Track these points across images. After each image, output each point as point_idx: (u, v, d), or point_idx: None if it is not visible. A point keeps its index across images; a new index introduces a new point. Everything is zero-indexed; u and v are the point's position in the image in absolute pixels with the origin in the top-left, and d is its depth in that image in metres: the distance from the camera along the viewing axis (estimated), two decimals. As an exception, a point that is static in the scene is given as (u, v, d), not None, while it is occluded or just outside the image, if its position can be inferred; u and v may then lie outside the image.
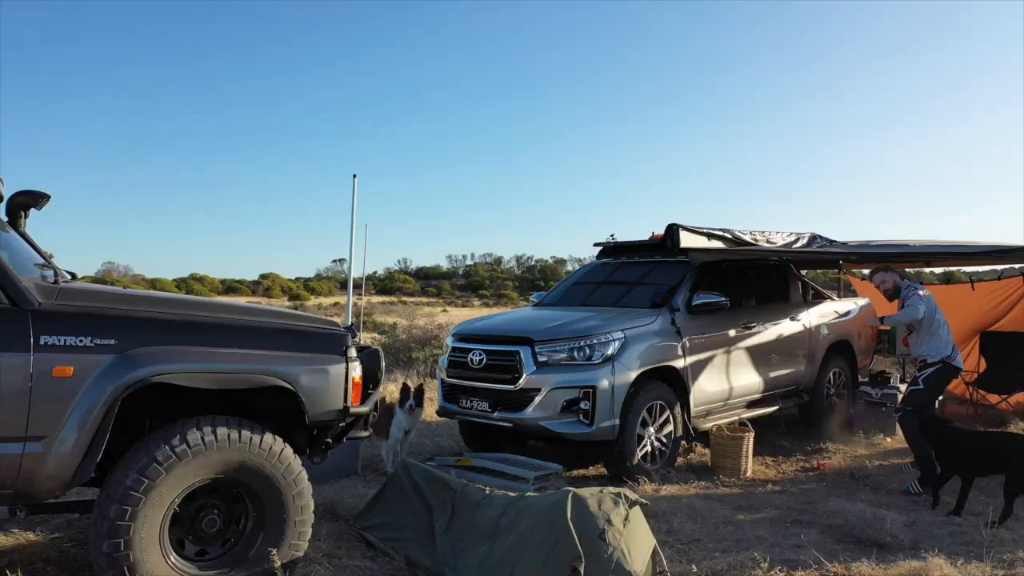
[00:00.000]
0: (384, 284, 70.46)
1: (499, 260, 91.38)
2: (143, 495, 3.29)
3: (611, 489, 3.79)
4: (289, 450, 3.73)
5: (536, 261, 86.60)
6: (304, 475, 3.79)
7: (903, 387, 8.14)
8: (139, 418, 3.74)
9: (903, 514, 5.17)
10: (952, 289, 10.17)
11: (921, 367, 6.42)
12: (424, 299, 57.28)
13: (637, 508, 3.75)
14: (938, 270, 12.52)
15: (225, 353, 3.56)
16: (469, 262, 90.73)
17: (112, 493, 3.30)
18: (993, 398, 9.00)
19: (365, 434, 4.38)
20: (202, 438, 3.43)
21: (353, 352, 3.96)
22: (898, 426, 6.75)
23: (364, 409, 4.03)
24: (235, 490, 3.65)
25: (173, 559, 3.46)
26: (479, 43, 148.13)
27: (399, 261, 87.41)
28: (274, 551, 3.62)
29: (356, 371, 3.95)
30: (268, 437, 3.63)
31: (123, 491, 3.28)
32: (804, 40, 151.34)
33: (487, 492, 4.32)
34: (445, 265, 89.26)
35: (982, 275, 9.80)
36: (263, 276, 62.77)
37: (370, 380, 4.25)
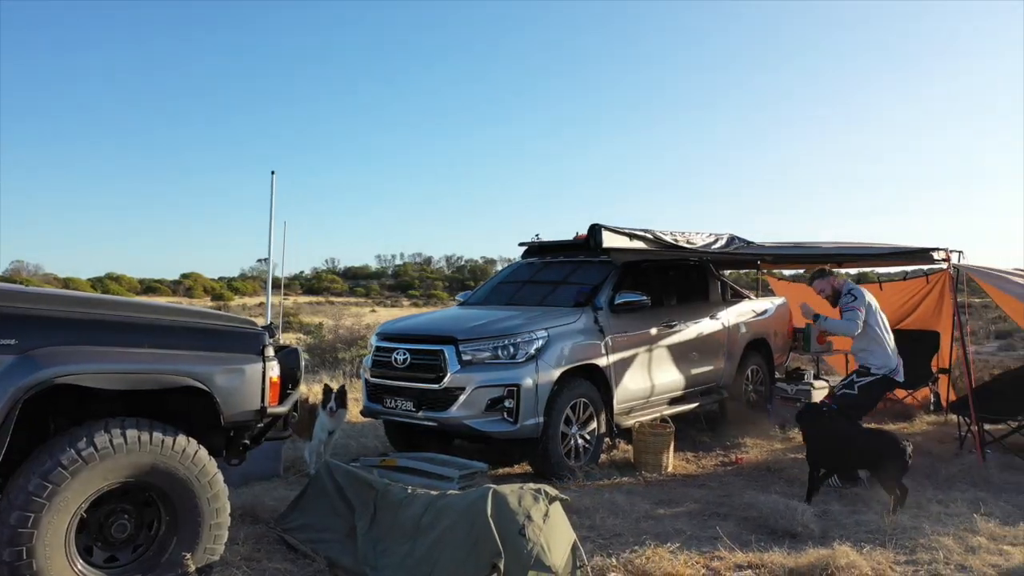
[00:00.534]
0: (311, 284, 69.29)
1: (429, 260, 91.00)
2: (47, 501, 3.17)
3: (531, 486, 3.84)
4: (204, 452, 3.64)
5: (466, 261, 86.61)
6: (220, 477, 3.71)
7: (816, 383, 8.46)
8: (44, 420, 3.60)
9: (814, 505, 5.38)
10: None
11: (861, 372, 6.30)
12: (352, 299, 56.57)
13: (557, 504, 3.80)
14: (853, 271, 12.98)
15: (134, 353, 3.46)
16: (398, 262, 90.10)
17: (13, 499, 3.16)
18: (900, 393, 9.39)
19: (285, 435, 4.32)
20: (110, 441, 3.32)
21: (271, 351, 3.89)
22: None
23: (282, 409, 3.97)
24: (146, 494, 3.55)
25: (80, 567, 3.34)
26: (407, 37, 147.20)
27: (327, 261, 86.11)
28: (188, 556, 3.54)
29: (274, 371, 3.88)
30: (181, 439, 3.54)
31: (25, 497, 3.15)
32: (727, 37, 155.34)
33: (409, 491, 4.31)
34: (374, 265, 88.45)
35: (892, 276, 10.23)
36: (184, 276, 60.91)
37: (289, 380, 4.18)
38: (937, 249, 7.02)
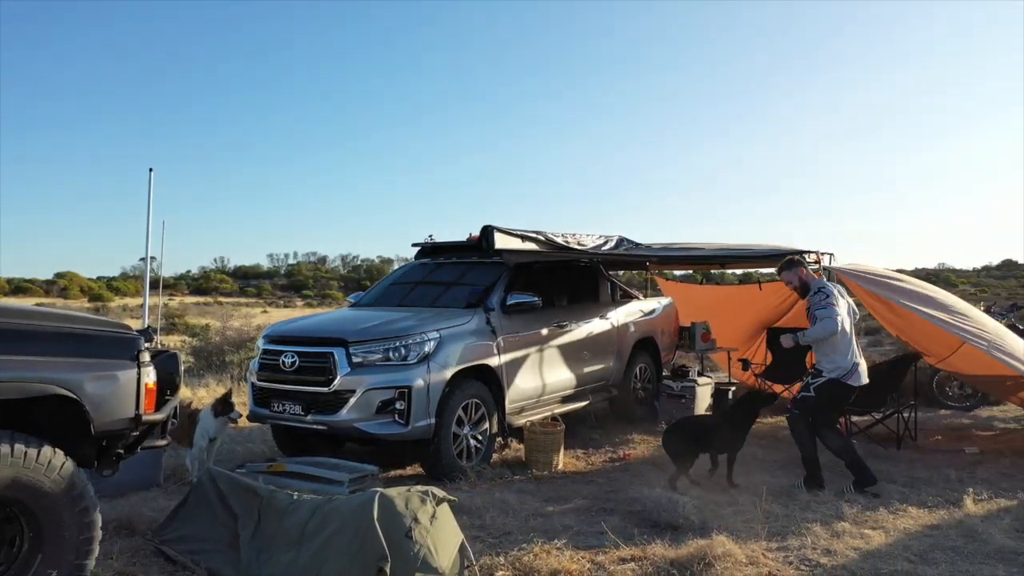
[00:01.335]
0: (199, 284, 66.69)
1: (323, 259, 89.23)
2: None
3: (419, 488, 3.84)
4: (71, 463, 3.46)
5: (362, 260, 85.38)
6: (89, 489, 3.53)
7: (700, 380, 8.79)
8: None
9: (694, 497, 5.59)
10: (743, 289, 11.07)
11: (815, 374, 6.10)
12: (243, 300, 54.74)
13: (445, 505, 3.82)
14: (739, 271, 13.59)
15: (-7, 360, 3.25)
16: (291, 261, 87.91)
17: None
18: (778, 388, 9.87)
19: (163, 443, 4.16)
20: (-35, 454, 3.11)
21: (146, 356, 3.74)
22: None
23: (159, 416, 3.82)
24: (7, 509, 3.34)
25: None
26: (299, 33, 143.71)
27: (215, 260, 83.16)
28: (54, 573, 3.35)
29: (149, 376, 3.73)
30: (47, 450, 3.35)
31: None
32: (625, 36, 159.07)
33: (295, 497, 4.24)
34: (266, 264, 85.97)
35: (774, 276, 10.70)
36: (59, 275, 57.42)
37: (167, 386, 4.02)
38: (808, 251, 7.42)
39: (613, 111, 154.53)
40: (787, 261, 6.43)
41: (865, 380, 6.09)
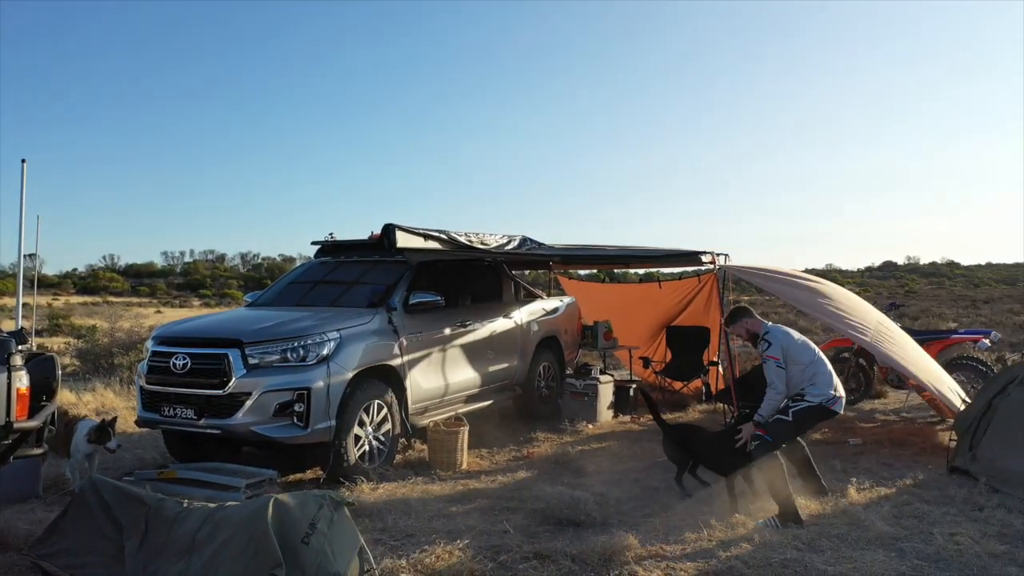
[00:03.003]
0: (87, 283, 63.34)
1: (222, 257, 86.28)
2: None
3: (316, 492, 3.74)
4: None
5: (263, 259, 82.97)
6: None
7: (603, 378, 8.93)
8: None
9: (595, 494, 5.67)
10: (644, 288, 11.35)
11: (795, 398, 5.53)
12: (135, 299, 52.28)
13: (343, 509, 3.73)
14: (641, 271, 13.87)
15: None
16: (188, 259, 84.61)
17: None
18: (677, 384, 10.16)
19: (38, 451, 3.94)
20: None
21: (18, 360, 3.51)
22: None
23: (33, 424, 3.60)
24: None
25: None
26: (198, 26, 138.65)
27: (105, 258, 79.20)
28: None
29: (21, 381, 3.50)
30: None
31: None
32: (549, 35, 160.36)
33: (185, 505, 4.05)
34: (160, 262, 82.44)
35: (679, 275, 10.93)
36: (-75, 273, 53.52)
37: (43, 391, 3.79)
38: (704, 252, 7.67)
39: (533, 108, 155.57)
40: (732, 312, 6.05)
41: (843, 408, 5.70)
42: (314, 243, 8.17)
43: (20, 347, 3.70)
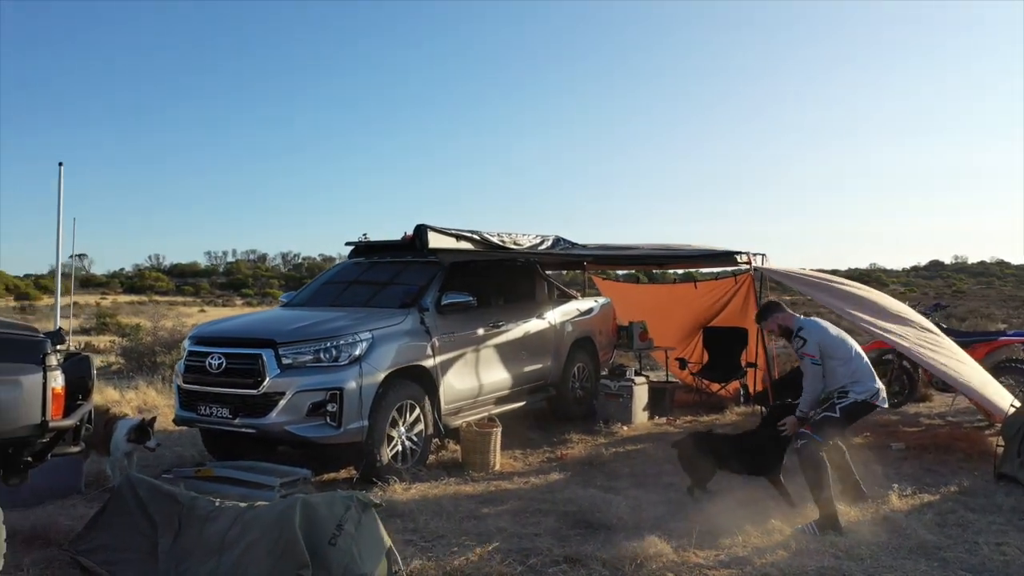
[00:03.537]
0: (134, 282, 64.72)
1: (263, 257, 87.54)
2: None
3: (343, 493, 3.75)
4: (-31, 473, 3.28)
5: (303, 259, 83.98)
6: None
7: (637, 379, 8.84)
8: None
9: (628, 497, 5.61)
10: (680, 288, 11.21)
11: (840, 394, 5.35)
12: (180, 298, 53.33)
13: (371, 510, 3.73)
14: (681, 271, 13.74)
15: None
16: (230, 259, 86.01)
17: None
18: (714, 386, 10.02)
19: (75, 449, 3.99)
20: None
21: (53, 360, 3.56)
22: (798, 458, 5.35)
23: (68, 423, 3.65)
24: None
25: None
26: (235, 23, 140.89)
27: (150, 258, 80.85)
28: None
29: (57, 381, 3.56)
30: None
31: None
32: (561, 36, 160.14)
33: (217, 504, 4.09)
34: (203, 262, 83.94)
35: (718, 275, 10.78)
36: (-18, 273, 55.12)
37: (78, 390, 3.85)
38: (740, 252, 7.54)
39: (568, 111, 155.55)
40: (763, 308, 5.94)
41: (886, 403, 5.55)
42: (348, 244, 8.23)
43: (58, 347, 3.76)
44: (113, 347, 16.41)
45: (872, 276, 61.10)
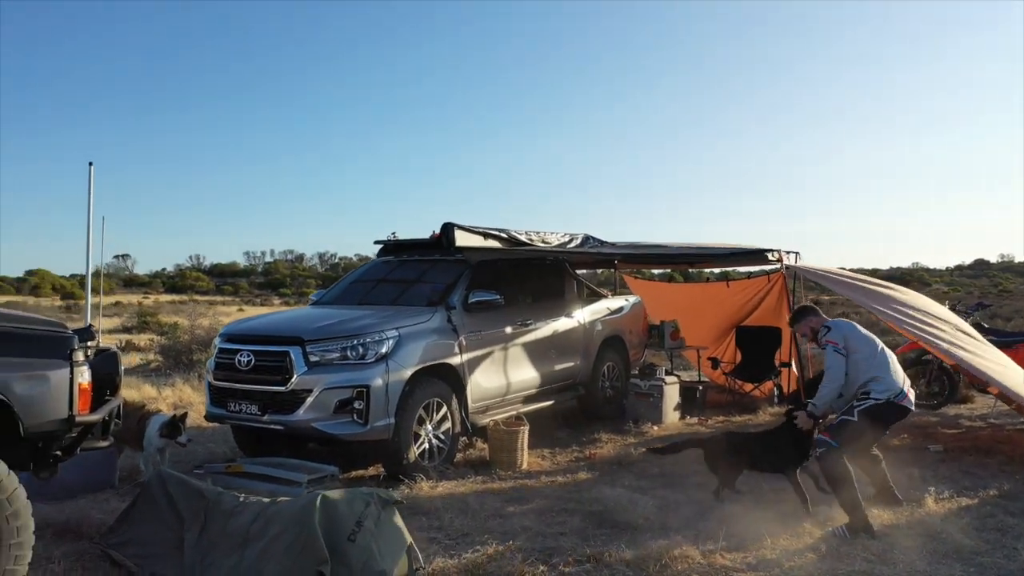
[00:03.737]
0: (175, 282, 66.03)
1: (301, 257, 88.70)
2: None
3: (363, 490, 3.75)
4: (1, 466, 3.33)
5: (340, 258, 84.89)
6: (21, 493, 3.40)
7: (668, 379, 8.74)
8: None
9: (656, 497, 5.54)
10: (712, 287, 11.09)
11: (861, 396, 5.19)
12: (219, 298, 54.18)
13: (392, 507, 3.73)
14: (717, 270, 13.56)
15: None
16: (268, 259, 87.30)
17: None
18: (748, 386, 9.89)
19: (104, 444, 4.05)
20: None
21: (80, 355, 3.61)
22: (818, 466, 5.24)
23: (95, 417, 3.70)
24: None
25: None
26: (280, 27, 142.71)
27: (191, 258, 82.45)
28: (-21, 580, 3.23)
29: (84, 376, 3.61)
30: (-28, 453, 3.23)
31: None
32: (586, 37, 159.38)
33: (241, 499, 4.13)
34: (242, 262, 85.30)
35: (753, 274, 10.64)
36: (30, 273, 56.60)
37: (106, 385, 3.91)
38: (771, 250, 7.41)
39: (596, 111, 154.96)
40: (797, 311, 5.87)
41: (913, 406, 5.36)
42: (376, 242, 8.27)
43: (88, 344, 3.82)
44: (152, 345, 16.70)
45: (915, 275, 59.95)
